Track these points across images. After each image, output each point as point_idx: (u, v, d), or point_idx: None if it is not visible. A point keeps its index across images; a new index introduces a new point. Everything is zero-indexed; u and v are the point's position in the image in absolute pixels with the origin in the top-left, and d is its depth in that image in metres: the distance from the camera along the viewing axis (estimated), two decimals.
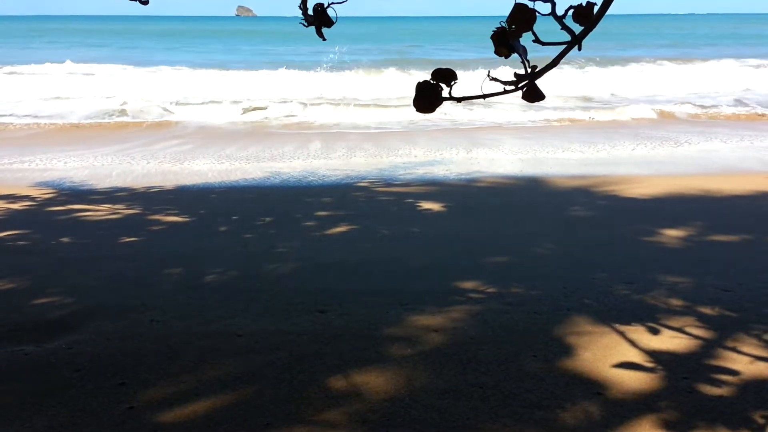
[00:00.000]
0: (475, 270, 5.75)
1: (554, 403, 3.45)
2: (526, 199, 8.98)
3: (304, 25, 2.24)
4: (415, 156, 12.36)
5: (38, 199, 8.92)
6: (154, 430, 3.27)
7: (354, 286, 5.33)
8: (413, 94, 1.77)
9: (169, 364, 3.96)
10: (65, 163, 11.70)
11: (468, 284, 5.35)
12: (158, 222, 7.67)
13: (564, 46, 1.73)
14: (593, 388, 3.60)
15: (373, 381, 3.69)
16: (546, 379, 3.69)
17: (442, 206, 8.35)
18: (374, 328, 4.45)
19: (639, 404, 3.43)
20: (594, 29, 1.73)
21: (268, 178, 10.50)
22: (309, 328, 4.46)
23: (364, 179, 10.23)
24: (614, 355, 3.97)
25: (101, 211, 8.13)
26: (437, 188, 9.57)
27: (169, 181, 10.17)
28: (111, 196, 9.13)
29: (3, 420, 3.37)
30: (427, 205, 8.40)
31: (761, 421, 3.27)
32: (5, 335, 4.39)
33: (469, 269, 5.79)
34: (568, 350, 4.04)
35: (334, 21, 2.18)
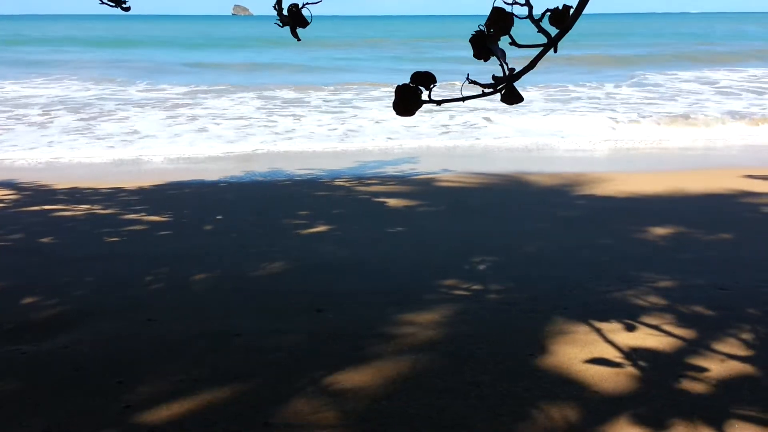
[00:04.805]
0: (471, 269, 5.76)
1: (551, 402, 3.46)
2: (518, 198, 9.00)
3: (279, 26, 2.24)
4: (408, 155, 12.39)
5: (12, 199, 8.88)
6: (152, 429, 3.27)
7: (351, 286, 5.34)
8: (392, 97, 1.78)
9: (166, 363, 3.97)
10: None
11: (464, 283, 5.36)
12: (149, 222, 7.66)
13: (540, 49, 1.76)
14: (590, 386, 3.61)
15: (371, 380, 3.70)
16: (543, 378, 3.71)
17: (437, 205, 8.36)
18: (371, 327, 4.46)
19: (636, 403, 3.44)
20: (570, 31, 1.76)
21: (260, 178, 10.50)
22: (306, 327, 4.46)
23: (360, 178, 10.24)
24: (612, 354, 3.98)
25: (85, 211, 8.11)
26: (431, 187, 9.58)
27: (157, 180, 10.17)
28: (94, 194, 9.12)
29: (0, 419, 3.37)
30: (421, 204, 8.41)
31: (760, 418, 3.29)
32: (2, 335, 4.38)
33: (465, 268, 5.80)
34: (564, 349, 4.05)
35: (309, 21, 2.17)
